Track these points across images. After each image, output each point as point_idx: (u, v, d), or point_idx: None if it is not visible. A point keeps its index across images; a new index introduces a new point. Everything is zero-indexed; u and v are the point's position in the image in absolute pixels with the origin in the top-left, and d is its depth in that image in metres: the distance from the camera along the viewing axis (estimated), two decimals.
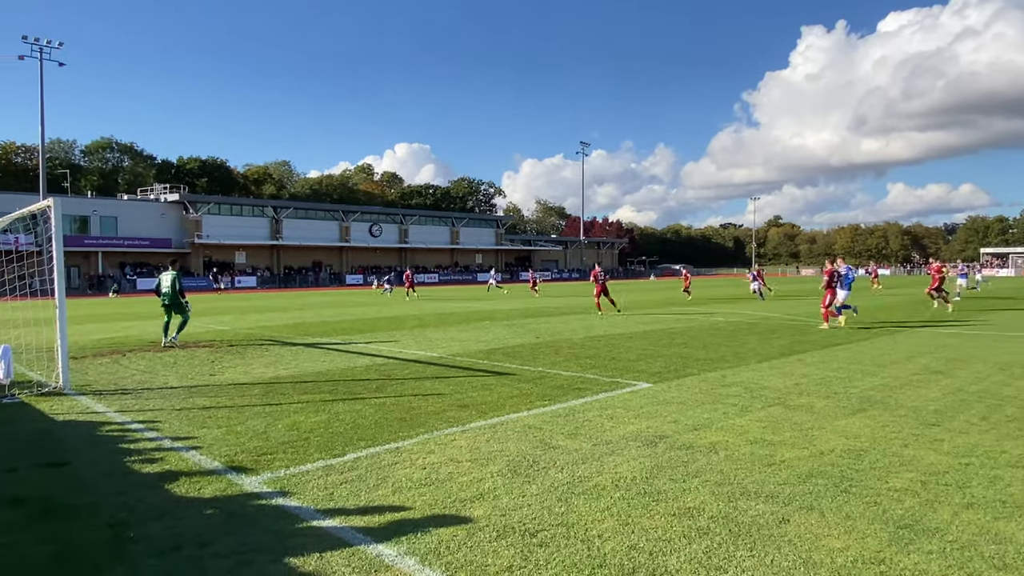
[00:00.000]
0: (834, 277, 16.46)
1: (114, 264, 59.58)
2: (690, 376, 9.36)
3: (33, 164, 75.32)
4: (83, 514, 4.33)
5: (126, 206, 63.63)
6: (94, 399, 8.21)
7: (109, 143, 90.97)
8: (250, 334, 16.39)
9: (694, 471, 5.09)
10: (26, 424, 6.97)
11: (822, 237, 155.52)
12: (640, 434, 6.21)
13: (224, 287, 51.72)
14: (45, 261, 9.65)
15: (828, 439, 5.99)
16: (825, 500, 4.47)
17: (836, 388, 8.39)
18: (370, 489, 4.78)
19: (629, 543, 3.81)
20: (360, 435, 6.27)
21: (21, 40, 49.52)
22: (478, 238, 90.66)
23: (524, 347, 12.88)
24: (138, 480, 5.03)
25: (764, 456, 5.47)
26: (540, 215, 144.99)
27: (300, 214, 74.14)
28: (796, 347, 12.50)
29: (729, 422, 6.65)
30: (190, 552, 3.73)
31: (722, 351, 11.99)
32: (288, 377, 9.69)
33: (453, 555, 3.68)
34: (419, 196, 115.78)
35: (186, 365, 11.01)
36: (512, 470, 5.17)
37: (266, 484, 4.91)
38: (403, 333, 16.08)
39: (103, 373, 10.27)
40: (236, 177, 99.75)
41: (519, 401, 7.73)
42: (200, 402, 7.94)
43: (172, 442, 6.10)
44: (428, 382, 9.11)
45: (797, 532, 3.95)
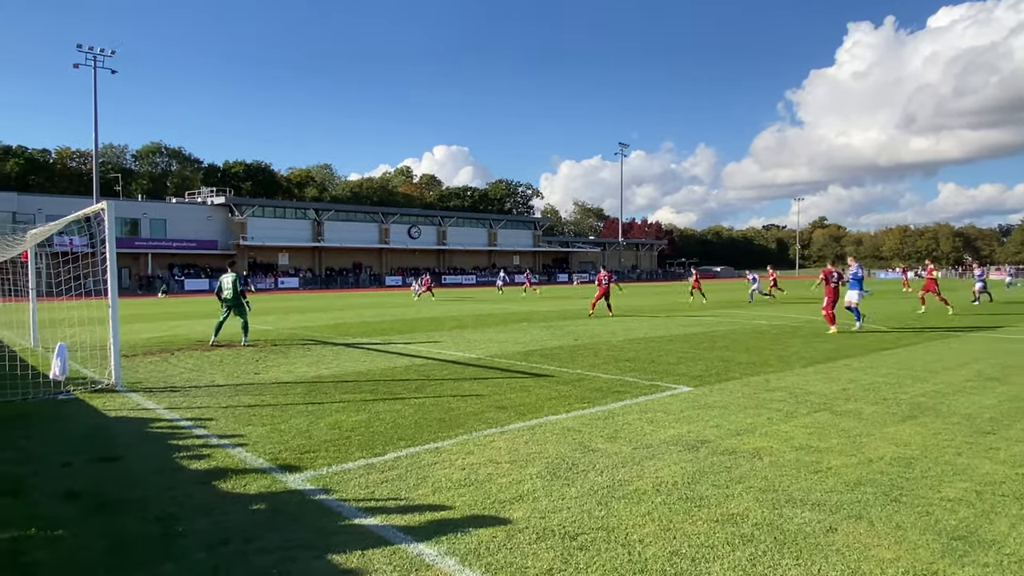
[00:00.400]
0: (831, 277, 15.97)
1: (163, 265, 61.37)
2: (732, 380, 9.21)
3: (87, 168, 78.16)
4: (135, 508, 4.47)
5: (174, 209, 65.51)
6: (144, 396, 8.47)
7: (158, 148, 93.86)
8: (293, 334, 16.70)
9: (737, 477, 5.00)
10: (80, 420, 7.23)
11: (869, 239, 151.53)
12: (681, 438, 6.13)
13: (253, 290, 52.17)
14: (99, 262, 9.99)
15: (877, 446, 5.82)
16: (874, 509, 4.35)
17: (885, 394, 8.15)
18: (410, 488, 4.82)
19: (671, 549, 3.76)
20: (400, 435, 6.33)
21: (76, 49, 51.39)
22: (515, 240, 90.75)
23: (562, 349, 12.84)
24: (187, 476, 5.17)
25: (810, 463, 5.34)
26: (578, 216, 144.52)
27: (341, 216, 75.28)
28: (842, 351, 12.19)
29: (773, 428, 6.52)
30: (237, 547, 3.81)
31: (765, 355, 11.76)
32: (330, 376, 9.85)
33: (493, 556, 3.68)
34: (457, 198, 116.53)
35: (232, 364, 11.28)
36: (551, 472, 5.15)
37: (309, 482, 4.99)
38: (442, 334, 16.19)
39: (153, 371, 10.59)
40: (279, 180, 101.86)
41: (557, 403, 7.71)
42: (245, 400, 8.12)
43: (219, 439, 6.25)
44: (467, 383, 9.15)
45: (845, 541, 3.85)
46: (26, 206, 55.07)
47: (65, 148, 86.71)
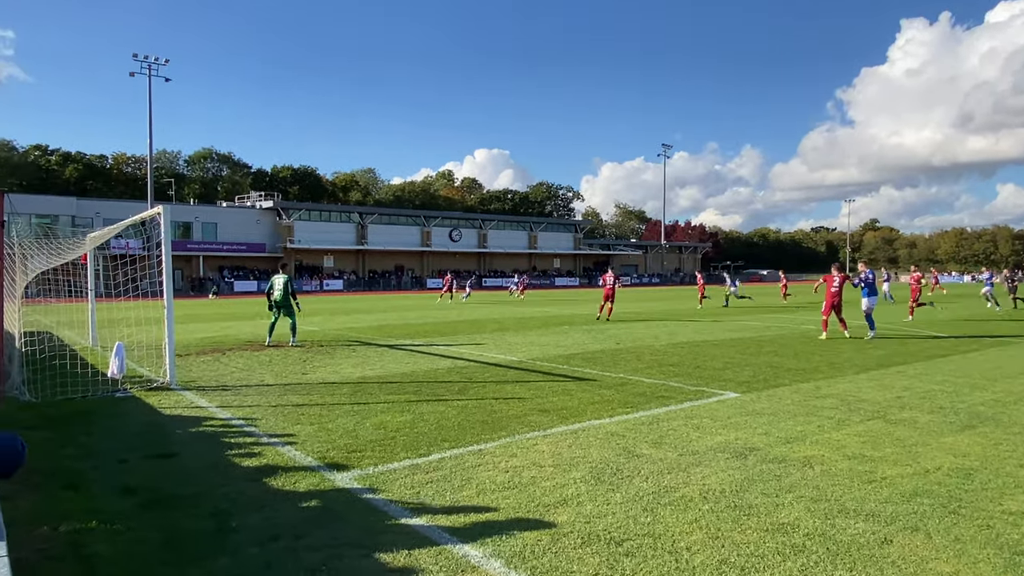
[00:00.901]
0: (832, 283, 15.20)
1: (213, 267, 63.14)
2: (781, 386, 9.01)
3: (142, 174, 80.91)
4: (189, 503, 4.60)
5: (225, 213, 67.37)
6: (198, 394, 8.72)
7: (209, 153, 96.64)
8: (338, 335, 16.99)
9: (787, 486, 4.89)
10: (137, 417, 7.48)
11: (923, 241, 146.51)
12: (728, 445, 6.02)
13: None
14: (153, 264, 10.34)
15: (934, 456, 5.62)
16: (931, 521, 4.20)
17: (941, 402, 7.87)
18: (455, 489, 4.85)
19: (719, 557, 3.70)
20: (444, 436, 6.38)
21: (132, 58, 53.36)
22: (556, 243, 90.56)
23: (604, 353, 12.76)
24: (239, 473, 5.30)
25: (863, 472, 5.19)
26: (619, 219, 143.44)
27: (384, 219, 76.29)
28: (896, 358, 11.82)
29: (824, 436, 6.35)
30: (287, 544, 3.90)
31: (815, 361, 11.48)
32: (375, 377, 9.98)
33: (538, 560, 3.68)
34: (498, 201, 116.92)
35: (280, 364, 11.53)
36: (595, 477, 5.12)
37: (356, 480, 5.07)
38: (484, 336, 16.26)
39: (205, 370, 10.89)
40: (325, 184, 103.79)
41: (600, 407, 7.66)
42: (294, 399, 8.29)
43: (269, 437, 6.39)
44: (509, 386, 9.17)
45: (901, 554, 3.73)
46: (84, 210, 57.30)
47: (121, 154, 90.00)
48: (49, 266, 13.10)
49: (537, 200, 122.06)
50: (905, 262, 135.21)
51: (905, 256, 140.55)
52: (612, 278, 21.56)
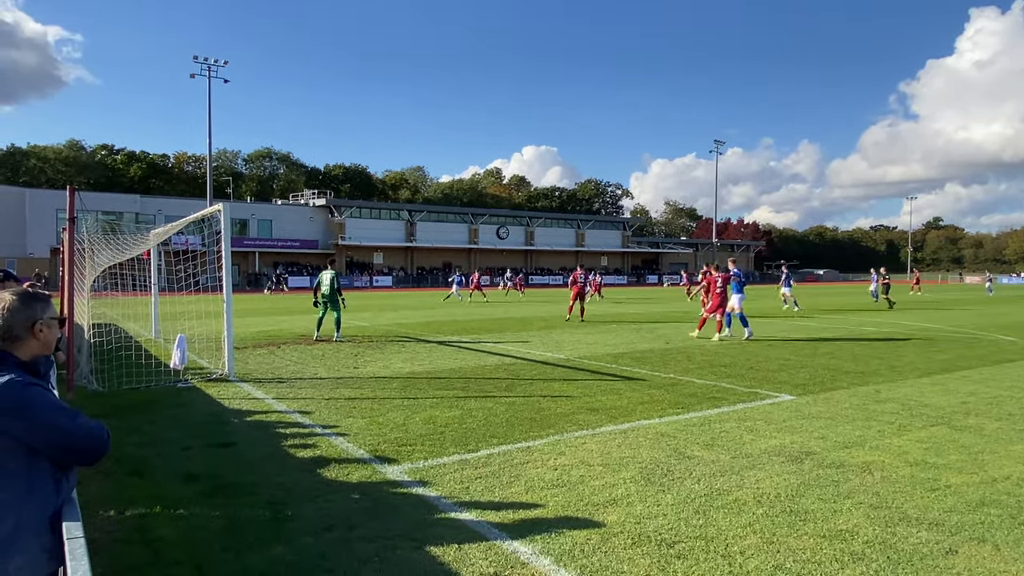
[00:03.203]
0: (716, 284, 14.54)
1: (268, 263, 64.87)
2: (839, 389, 8.75)
3: (201, 172, 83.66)
4: (247, 492, 4.75)
5: (280, 210, 69.15)
6: (255, 386, 8.98)
7: (268, 152, 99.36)
8: (388, 331, 17.25)
9: (846, 492, 4.75)
10: (198, 407, 7.75)
11: (990, 241, 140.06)
12: (784, 449, 5.88)
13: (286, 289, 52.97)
14: (212, 260, 10.68)
15: (1002, 465, 5.38)
16: (1000, 532, 4.02)
17: (1010, 409, 7.52)
18: (503, 486, 4.87)
19: (774, 563, 3.62)
20: (492, 432, 6.41)
21: (192, 60, 55.14)
22: (603, 240, 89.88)
23: (653, 352, 12.61)
24: (294, 463, 5.44)
25: (926, 480, 5.00)
26: (669, 217, 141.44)
27: (432, 217, 77.06)
28: (960, 362, 11.34)
29: (885, 441, 6.14)
30: (340, 534, 3.98)
31: (874, 364, 11.10)
32: (424, 373, 10.10)
33: (588, 559, 3.66)
34: (545, 199, 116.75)
35: (332, 358, 11.78)
36: (645, 478, 5.07)
37: (407, 474, 5.14)
38: (531, 334, 16.27)
39: (261, 363, 11.21)
40: (375, 182, 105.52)
41: (650, 408, 7.58)
42: (346, 393, 8.46)
43: (322, 429, 6.54)
44: (556, 384, 9.15)
45: (967, 565, 3.58)
46: (147, 207, 59.63)
47: (182, 153, 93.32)
48: (115, 261, 13.67)
49: (585, 197, 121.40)
50: (971, 262, 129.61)
51: (971, 256, 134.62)
52: (583, 275, 20.63)
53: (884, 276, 28.89)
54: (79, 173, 76.58)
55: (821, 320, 20.92)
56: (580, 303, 20.35)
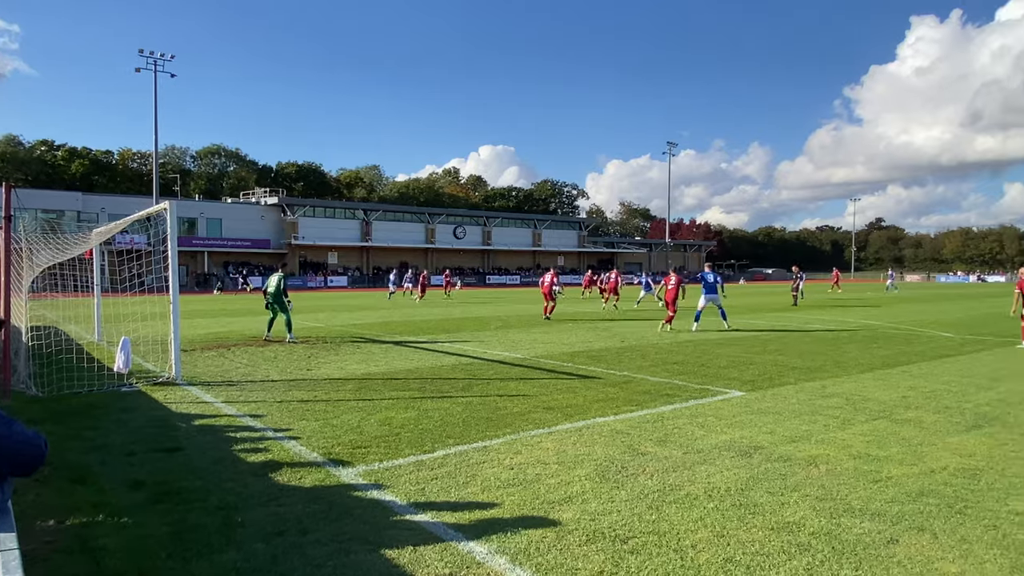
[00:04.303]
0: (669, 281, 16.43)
1: (218, 263, 63.30)
2: (786, 385, 9.00)
3: (147, 169, 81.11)
4: (195, 498, 4.62)
5: (230, 208, 67.53)
6: (203, 390, 8.75)
7: (217, 149, 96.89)
8: (343, 331, 17.02)
9: (793, 485, 4.89)
10: (143, 411, 7.51)
11: (929, 241, 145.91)
12: (733, 444, 6.02)
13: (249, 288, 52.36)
14: (159, 260, 10.37)
15: (940, 456, 5.61)
16: (938, 521, 4.19)
17: (947, 402, 7.85)
18: (460, 486, 4.86)
19: (725, 555, 3.70)
20: (448, 432, 6.39)
21: (137, 54, 53.44)
22: (560, 240, 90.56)
23: (609, 351, 12.76)
24: (244, 468, 5.32)
25: (869, 472, 5.18)
26: (624, 217, 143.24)
27: (388, 216, 76.38)
28: (901, 357, 11.79)
29: (830, 435, 6.35)
30: (293, 539, 3.91)
31: (820, 360, 11.46)
32: (379, 374, 10.00)
33: (543, 557, 3.68)
34: (502, 198, 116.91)
35: (285, 360, 11.56)
36: (600, 475, 5.13)
37: (361, 476, 5.08)
38: (487, 334, 16.27)
39: (210, 365, 10.93)
40: (329, 181, 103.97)
41: (605, 405, 7.66)
42: (298, 395, 8.31)
43: (274, 433, 6.41)
44: (513, 383, 9.18)
45: (907, 553, 3.72)
46: (90, 205, 57.53)
47: (127, 149, 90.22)
48: (55, 261, 13.15)
49: (542, 198, 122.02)
50: (911, 262, 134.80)
51: (911, 256, 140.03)
52: (550, 276, 21.18)
53: (798, 275, 30.59)
54: (16, 169, 73.29)
55: (769, 318, 21.47)
56: (553, 302, 21.00)
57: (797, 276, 30.53)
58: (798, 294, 30.02)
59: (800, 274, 30.77)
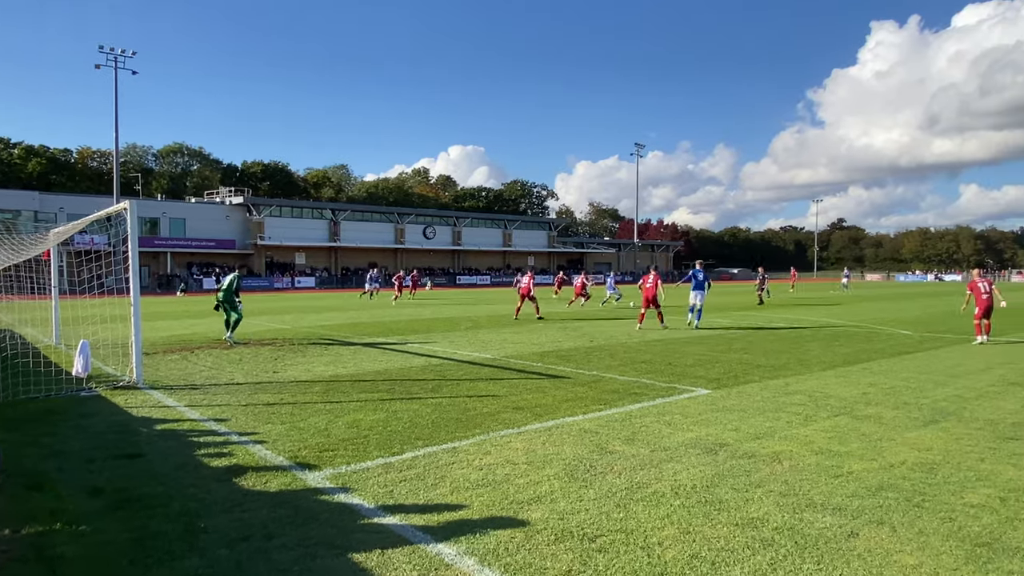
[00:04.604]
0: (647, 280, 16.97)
1: (182, 264, 62.05)
2: (751, 383, 9.15)
3: (108, 168, 79.19)
4: (157, 504, 4.52)
5: (194, 208, 66.23)
6: (165, 394, 8.57)
7: (180, 148, 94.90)
8: (310, 333, 16.82)
9: (757, 481, 4.97)
10: (103, 417, 7.32)
11: (888, 241, 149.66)
12: (699, 441, 6.10)
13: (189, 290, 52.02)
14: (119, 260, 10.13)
15: (898, 451, 5.76)
16: (896, 515, 4.30)
17: (906, 398, 8.06)
18: (428, 488, 4.84)
19: (691, 552, 3.75)
20: (418, 434, 6.36)
21: (98, 50, 52.12)
22: (530, 240, 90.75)
23: (578, 350, 12.82)
24: (208, 473, 5.22)
25: (831, 467, 5.30)
26: (593, 217, 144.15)
27: (357, 216, 75.68)
28: (862, 355, 12.08)
29: (793, 431, 6.47)
30: (258, 544, 3.85)
31: (784, 358, 11.67)
32: (347, 376, 9.91)
33: (512, 557, 3.69)
34: (472, 199, 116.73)
35: (251, 362, 11.38)
36: (569, 474, 5.15)
37: (328, 480, 5.03)
38: (457, 334, 16.23)
39: (173, 369, 10.71)
40: (296, 181, 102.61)
41: (574, 405, 7.70)
42: (264, 398, 8.19)
43: (239, 437, 6.31)
44: (483, 383, 9.17)
45: (867, 546, 3.82)
46: (48, 205, 55.91)
47: (86, 148, 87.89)
48: (11, 262, 12.76)
49: (511, 198, 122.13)
50: (871, 261, 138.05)
51: (871, 255, 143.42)
52: (527, 278, 21.55)
53: (762, 275, 31.69)
54: None
55: (735, 317, 21.80)
56: (533, 303, 21.19)
57: (762, 276, 31.37)
58: (763, 293, 30.65)
59: (764, 274, 31.64)
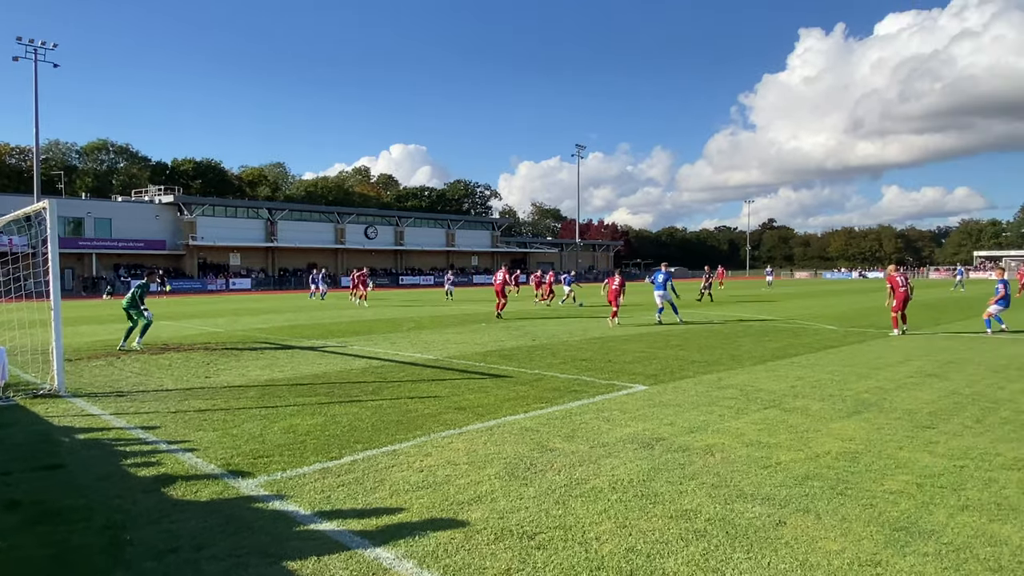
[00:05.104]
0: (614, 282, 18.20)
1: (108, 266, 59.33)
2: (686, 378, 9.39)
3: (28, 165, 75.08)
4: (79, 517, 4.32)
5: (120, 208, 63.39)
6: (89, 401, 8.18)
7: (104, 144, 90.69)
8: (245, 336, 16.35)
9: (691, 473, 5.11)
10: (21, 427, 6.94)
11: (816, 240, 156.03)
12: (637, 436, 6.22)
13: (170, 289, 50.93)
14: (40, 263, 9.62)
15: (823, 441, 6.01)
16: (821, 502, 4.49)
17: (831, 391, 8.42)
18: (367, 492, 4.78)
19: (627, 545, 3.82)
20: (357, 438, 6.27)
21: (16, 42, 49.30)
22: (474, 240, 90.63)
23: (520, 349, 12.88)
24: (134, 483, 5.02)
25: (760, 458, 5.49)
26: (536, 217, 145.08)
27: (295, 216, 74.00)
28: (790, 349, 12.55)
29: (725, 424, 6.67)
30: (187, 555, 3.72)
31: (717, 353, 12.02)
32: (284, 380, 9.68)
33: (451, 558, 3.68)
34: (415, 198, 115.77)
35: (181, 367, 10.98)
36: (509, 473, 5.17)
37: (263, 487, 4.90)
38: (399, 336, 16.07)
39: (98, 375, 10.23)
40: (231, 179, 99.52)
41: (516, 403, 7.74)
42: (196, 405, 7.92)
43: (168, 445, 6.08)
44: (425, 384, 9.11)
45: (793, 534, 3.97)
46: None
47: (4, 144, 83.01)
48: None
49: (455, 198, 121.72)
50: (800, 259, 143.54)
51: (800, 254, 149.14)
52: (502, 274, 22.07)
53: (708, 274, 33.13)
54: None
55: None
56: (505, 299, 21.69)
57: (708, 275, 32.54)
58: (707, 291, 31.64)
59: (711, 273, 32.91)
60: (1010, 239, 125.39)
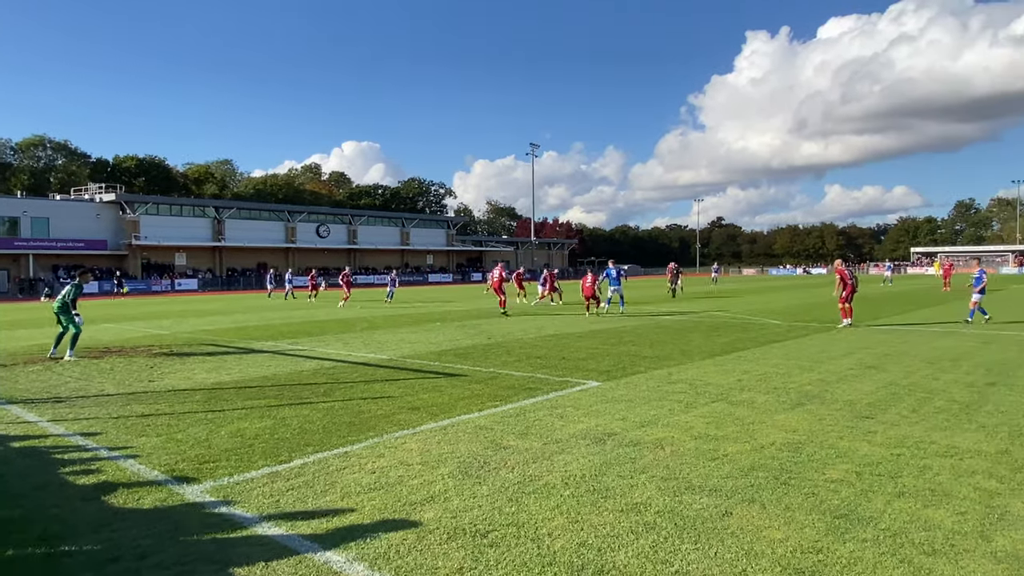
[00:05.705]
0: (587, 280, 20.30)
1: (46, 267, 56.92)
2: (638, 374, 9.53)
3: None
4: (14, 528, 4.14)
5: (59, 206, 60.85)
6: (25, 408, 7.85)
7: (41, 140, 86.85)
8: (191, 338, 15.92)
9: (641, 467, 5.19)
10: None
11: (762, 238, 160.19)
12: (589, 432, 6.29)
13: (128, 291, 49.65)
14: None
15: (768, 433, 6.19)
16: (766, 492, 4.62)
17: (775, 383, 8.67)
18: (317, 495, 4.71)
19: (578, 540, 3.86)
20: (307, 440, 6.17)
21: None
22: (429, 239, 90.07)
23: (475, 348, 12.88)
24: (73, 492, 4.84)
25: (708, 451, 5.62)
26: (491, 216, 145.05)
27: (243, 214, 72.24)
28: (738, 344, 12.86)
29: (675, 418, 6.81)
30: (128, 564, 3.61)
31: (668, 349, 12.24)
32: (231, 383, 9.45)
33: (403, 559, 3.66)
34: (368, 196, 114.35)
35: (123, 371, 10.62)
36: (463, 471, 5.17)
37: (209, 493, 4.78)
38: (352, 336, 15.87)
39: (35, 380, 9.82)
40: (176, 177, 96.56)
41: (470, 402, 7.73)
42: (139, 410, 7.67)
43: (109, 452, 5.88)
44: (378, 385, 9.03)
45: (739, 524, 4.08)
46: None
47: None
48: None
49: (409, 196, 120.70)
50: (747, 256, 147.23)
51: (747, 251, 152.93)
52: (498, 271, 22.97)
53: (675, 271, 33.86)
54: None
55: (629, 309, 22.59)
56: (501, 295, 22.16)
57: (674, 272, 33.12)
58: (676, 287, 32.57)
59: (675, 270, 33.64)
60: (944, 235, 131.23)
